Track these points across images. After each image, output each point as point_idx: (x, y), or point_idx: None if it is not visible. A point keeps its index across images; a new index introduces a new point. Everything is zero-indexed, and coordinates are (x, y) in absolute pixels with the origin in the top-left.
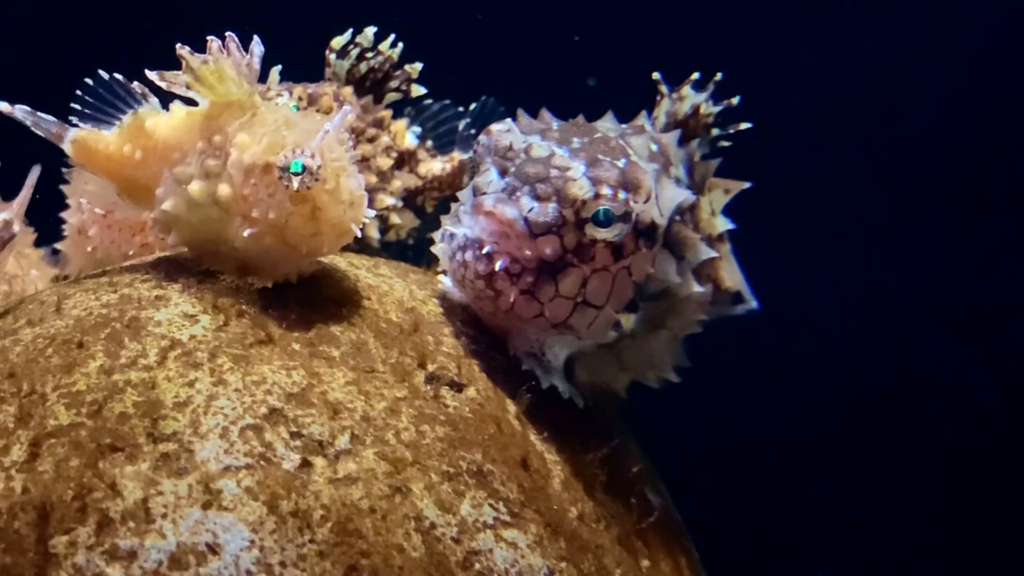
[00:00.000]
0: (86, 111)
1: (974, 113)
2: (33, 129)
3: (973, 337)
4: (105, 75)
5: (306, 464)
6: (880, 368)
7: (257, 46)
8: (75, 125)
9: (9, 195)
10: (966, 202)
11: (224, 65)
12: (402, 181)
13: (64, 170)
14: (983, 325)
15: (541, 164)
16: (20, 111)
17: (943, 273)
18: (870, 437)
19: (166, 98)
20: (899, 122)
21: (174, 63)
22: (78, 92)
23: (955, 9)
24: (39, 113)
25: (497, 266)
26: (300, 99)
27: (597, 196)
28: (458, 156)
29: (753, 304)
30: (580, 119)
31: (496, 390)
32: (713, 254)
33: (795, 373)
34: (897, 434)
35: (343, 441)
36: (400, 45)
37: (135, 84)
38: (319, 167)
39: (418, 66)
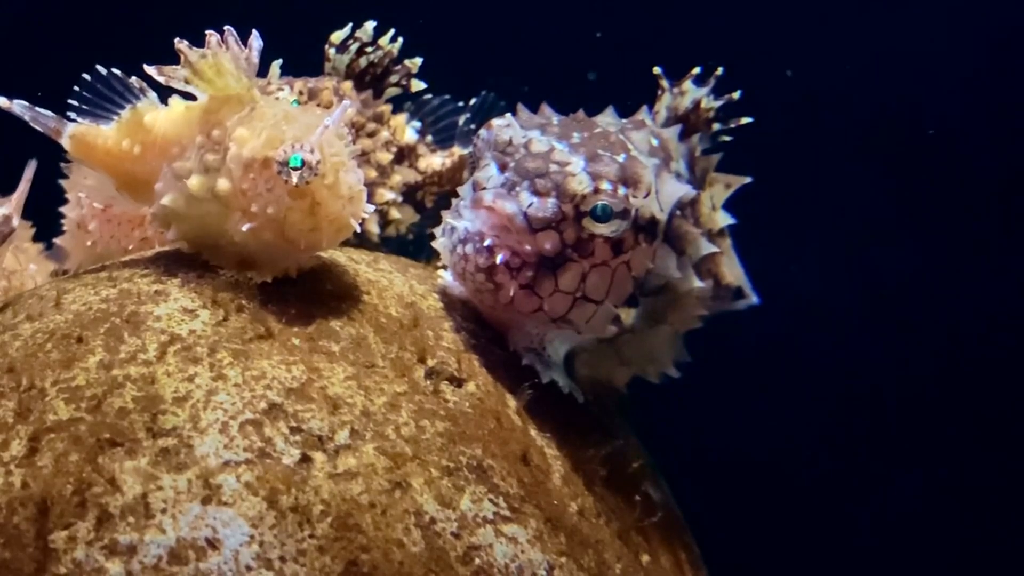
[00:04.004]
0: (84, 106)
1: (976, 106)
2: (31, 124)
3: (975, 332)
4: (103, 70)
5: (306, 459)
6: (881, 363)
7: (256, 40)
8: (73, 120)
9: (7, 190)
10: (968, 195)
11: (223, 59)
12: (402, 176)
13: (63, 165)
14: (985, 320)
15: (541, 159)
16: (18, 106)
17: (944, 267)
18: (871, 432)
19: (164, 93)
20: (900, 116)
21: (173, 58)
22: (76, 88)
23: (956, 4)
24: (37, 108)
25: (498, 259)
26: (301, 93)
27: (596, 191)
28: (458, 151)
29: (754, 299)
30: (580, 114)
31: (496, 385)
32: (714, 249)
33: (795, 368)
34: (898, 429)
35: (343, 436)
36: (400, 40)
37: (133, 79)
38: (318, 162)
39: (418, 61)
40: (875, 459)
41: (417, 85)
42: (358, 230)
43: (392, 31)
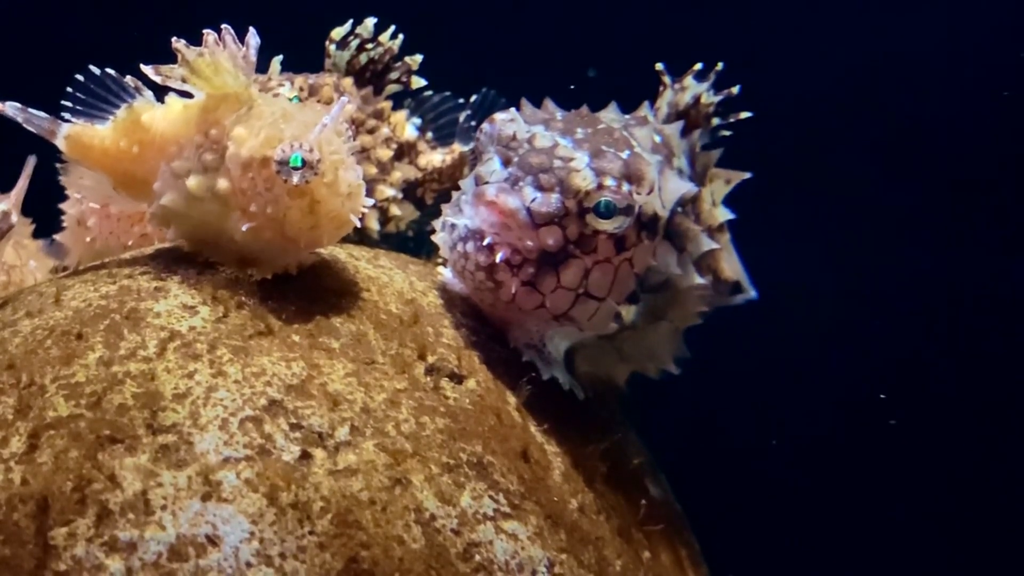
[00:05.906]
0: (78, 107)
1: (975, 105)
2: (25, 126)
3: (976, 330)
4: (96, 70)
5: (306, 456)
6: (880, 360)
7: (253, 38)
8: (68, 121)
9: (6, 186)
10: (968, 193)
11: (220, 57)
12: (402, 172)
13: (59, 165)
14: (986, 319)
15: (544, 154)
16: (11, 108)
17: (944, 265)
18: (869, 429)
19: (159, 94)
20: (900, 112)
21: (170, 57)
22: (69, 88)
23: (957, 2)
24: (30, 109)
25: (498, 257)
26: (301, 89)
27: (600, 187)
28: (458, 148)
29: (752, 294)
30: (584, 109)
31: (496, 382)
32: (714, 246)
33: (793, 364)
34: (897, 427)
35: (343, 433)
36: (400, 36)
37: (127, 78)
38: (318, 161)
39: (418, 57)
40: (875, 457)
41: (417, 82)
42: (358, 225)
43: (393, 28)
